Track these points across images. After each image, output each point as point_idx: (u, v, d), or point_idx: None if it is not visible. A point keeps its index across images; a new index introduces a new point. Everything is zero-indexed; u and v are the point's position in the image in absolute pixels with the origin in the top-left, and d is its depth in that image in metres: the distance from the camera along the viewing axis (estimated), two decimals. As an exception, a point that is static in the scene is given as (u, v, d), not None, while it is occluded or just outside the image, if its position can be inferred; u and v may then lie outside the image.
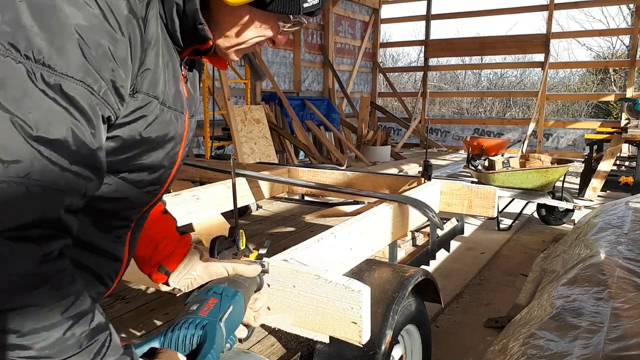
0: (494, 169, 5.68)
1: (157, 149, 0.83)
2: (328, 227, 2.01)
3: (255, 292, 1.18)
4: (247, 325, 1.14)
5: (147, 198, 0.90)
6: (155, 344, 0.88)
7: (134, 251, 1.00)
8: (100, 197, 0.80)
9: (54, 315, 0.65)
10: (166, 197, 2.32)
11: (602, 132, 7.54)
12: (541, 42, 11.30)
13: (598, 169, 6.71)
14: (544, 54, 11.28)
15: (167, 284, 1.16)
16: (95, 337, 0.69)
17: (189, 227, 2.55)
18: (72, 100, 0.66)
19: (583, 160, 7.60)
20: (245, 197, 2.82)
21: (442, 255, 3.56)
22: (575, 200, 5.51)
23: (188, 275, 1.14)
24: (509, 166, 5.80)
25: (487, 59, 15.46)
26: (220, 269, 1.12)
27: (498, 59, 13.20)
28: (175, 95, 0.85)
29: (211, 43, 0.87)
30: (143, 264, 1.16)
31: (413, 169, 8.44)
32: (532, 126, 10.97)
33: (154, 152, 0.83)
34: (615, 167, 7.04)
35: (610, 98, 12.43)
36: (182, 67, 0.90)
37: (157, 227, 1.16)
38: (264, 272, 1.23)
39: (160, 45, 0.80)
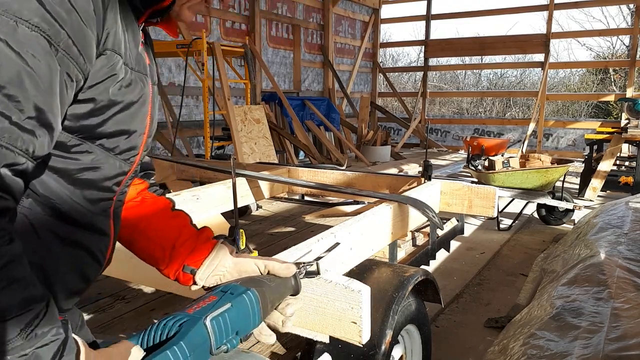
0: (494, 169, 5.68)
1: (126, 111, 0.81)
2: (328, 227, 2.01)
3: (291, 295, 1.07)
4: (274, 330, 1.04)
5: (125, 166, 0.87)
6: (134, 341, 0.82)
7: (119, 227, 0.96)
8: (81, 167, 0.79)
9: None
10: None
11: (602, 132, 7.55)
12: (541, 42, 11.31)
13: (598, 169, 6.71)
14: (544, 54, 11.28)
15: (195, 283, 1.07)
16: (29, 307, 0.62)
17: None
18: (24, 46, 0.61)
19: (583, 160, 7.60)
20: (245, 197, 2.82)
21: (442, 255, 3.56)
22: (575, 200, 5.51)
23: (217, 272, 1.05)
24: (509, 166, 5.80)
25: (487, 59, 15.47)
26: (251, 266, 1.05)
27: (498, 59, 13.21)
28: (137, 58, 0.83)
29: None
30: (164, 267, 1.09)
31: (413, 169, 8.44)
32: (532, 126, 10.98)
33: (125, 115, 0.81)
34: (615, 167, 7.04)
35: (610, 98, 12.43)
36: (141, 33, 0.88)
37: (169, 225, 1.10)
38: (313, 274, 1.13)
39: (118, 6, 0.77)
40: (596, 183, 6.62)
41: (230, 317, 0.87)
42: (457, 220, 2.95)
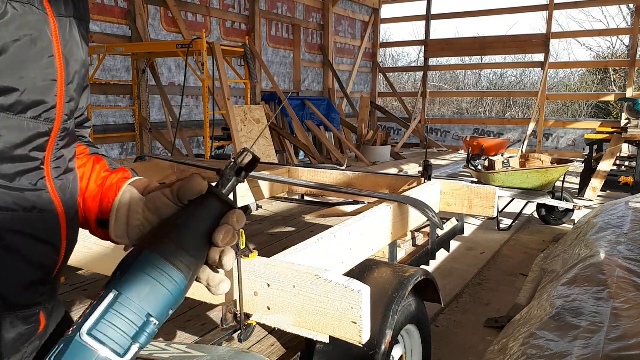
0: (494, 169, 5.68)
1: (4, 55, 0.62)
2: (328, 227, 2.01)
3: (231, 210, 0.71)
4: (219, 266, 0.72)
5: (41, 126, 0.69)
6: None
7: (72, 201, 0.78)
8: None
9: None
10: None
11: (602, 132, 7.55)
12: (541, 42, 11.31)
13: (598, 169, 6.71)
14: (544, 54, 11.29)
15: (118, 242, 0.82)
16: None
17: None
18: None
19: (583, 160, 7.61)
20: (245, 197, 2.82)
21: (442, 255, 3.57)
22: (575, 200, 5.51)
23: (132, 222, 0.78)
24: (509, 166, 5.80)
25: (487, 59, 15.47)
26: (162, 199, 0.76)
27: (498, 59, 13.21)
28: None
29: None
30: (87, 228, 0.86)
31: (413, 169, 8.44)
32: (532, 126, 10.98)
33: (3, 61, 0.63)
34: (615, 167, 7.05)
35: (610, 98, 12.44)
36: None
37: (79, 175, 0.86)
38: (250, 166, 0.73)
39: None
40: (596, 183, 6.62)
41: (120, 309, 0.63)
42: (457, 220, 2.95)
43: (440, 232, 2.69)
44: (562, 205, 5.23)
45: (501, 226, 5.30)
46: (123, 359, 0.61)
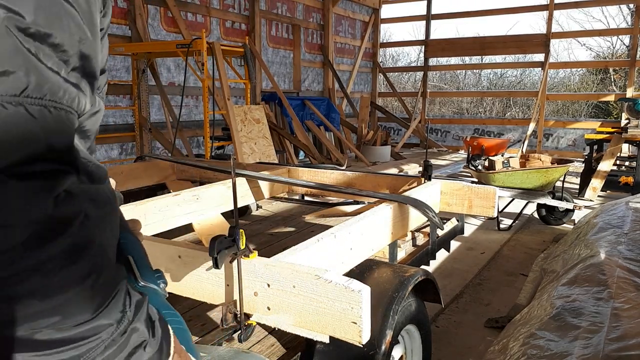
0: (494, 169, 5.68)
1: (106, 34, 0.64)
2: (328, 227, 2.01)
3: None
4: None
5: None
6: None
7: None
8: (88, 114, 0.61)
9: (79, 281, 0.49)
10: (166, 197, 2.32)
11: (602, 132, 7.55)
12: (541, 42, 11.31)
13: (598, 169, 6.71)
14: (544, 54, 11.29)
15: None
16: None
17: (189, 227, 2.55)
18: None
19: (583, 160, 7.60)
20: (245, 197, 2.82)
21: (442, 255, 3.56)
22: (575, 200, 5.51)
23: None
24: (509, 166, 5.80)
25: (487, 59, 15.47)
26: None
27: (498, 59, 13.20)
28: None
29: None
30: None
31: (413, 169, 8.44)
32: (532, 126, 10.98)
33: (105, 39, 0.63)
34: (615, 167, 7.04)
35: (610, 98, 12.44)
36: None
37: None
38: None
39: None
40: (596, 183, 6.62)
41: (139, 263, 0.82)
42: (457, 220, 2.95)
43: (440, 232, 2.69)
44: (562, 205, 5.23)
45: (501, 226, 5.30)
46: (163, 293, 0.83)
